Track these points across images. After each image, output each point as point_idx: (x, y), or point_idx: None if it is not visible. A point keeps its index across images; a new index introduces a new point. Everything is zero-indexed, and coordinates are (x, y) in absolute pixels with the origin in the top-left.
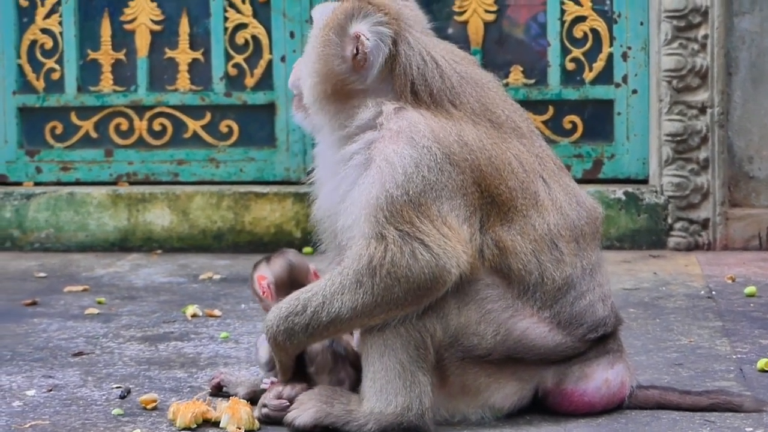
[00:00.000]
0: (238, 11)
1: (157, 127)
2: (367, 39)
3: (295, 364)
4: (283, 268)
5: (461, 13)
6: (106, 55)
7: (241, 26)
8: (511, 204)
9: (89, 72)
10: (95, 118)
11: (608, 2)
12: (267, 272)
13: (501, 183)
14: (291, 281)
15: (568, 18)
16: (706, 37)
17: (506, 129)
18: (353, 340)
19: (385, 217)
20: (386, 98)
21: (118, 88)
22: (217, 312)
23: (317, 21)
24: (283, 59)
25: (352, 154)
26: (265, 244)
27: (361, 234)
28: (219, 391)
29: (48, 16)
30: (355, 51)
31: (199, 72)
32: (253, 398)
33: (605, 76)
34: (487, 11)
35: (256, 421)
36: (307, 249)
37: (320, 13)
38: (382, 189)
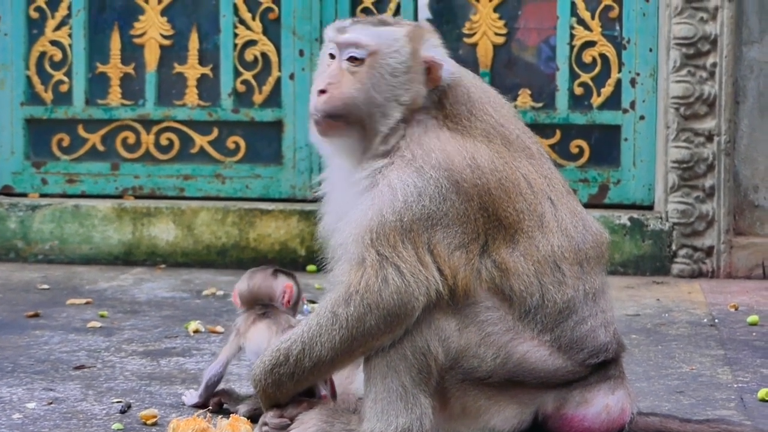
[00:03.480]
0: (248, 28)
1: (164, 142)
2: (442, 64)
3: None
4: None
5: (471, 35)
6: (114, 69)
7: (251, 43)
8: (518, 226)
9: (97, 85)
10: (102, 131)
11: (618, 28)
12: (293, 283)
13: (509, 205)
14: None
15: (577, 43)
16: (714, 65)
17: (517, 147)
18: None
19: (371, 239)
20: (421, 117)
21: (126, 102)
22: (219, 328)
23: (384, 45)
24: (291, 77)
25: (362, 179)
26: (269, 261)
27: (347, 256)
28: (220, 407)
29: (58, 28)
30: (426, 74)
31: (208, 87)
32: (253, 416)
33: (613, 102)
34: (496, 34)
35: None
36: (311, 267)
37: (378, 37)
38: (378, 212)
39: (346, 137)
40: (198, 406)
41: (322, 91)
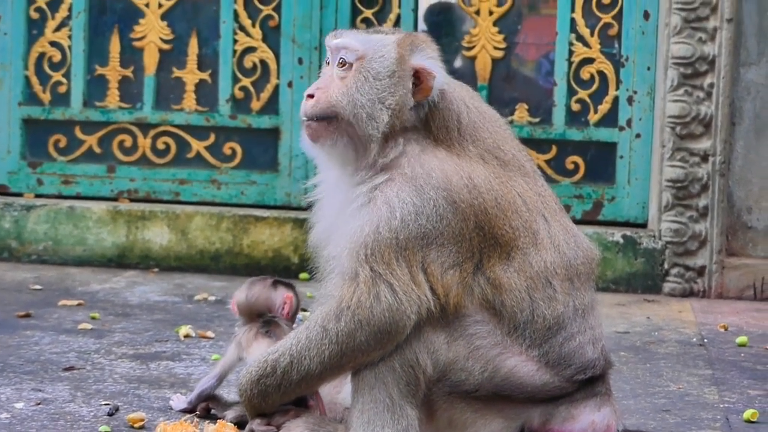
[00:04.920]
0: (248, 35)
1: (160, 146)
2: (433, 73)
3: None
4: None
5: (470, 49)
6: (113, 71)
7: (250, 50)
8: (513, 243)
9: (96, 87)
10: (99, 134)
11: (616, 46)
12: (293, 294)
13: (505, 223)
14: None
15: (575, 59)
16: (711, 85)
17: (512, 167)
18: None
19: (366, 255)
20: (415, 136)
21: (123, 105)
22: (210, 333)
23: (371, 50)
24: (290, 85)
25: (360, 193)
26: (262, 268)
27: (339, 270)
28: (207, 413)
29: (58, 29)
30: (412, 85)
31: (206, 93)
32: (240, 422)
33: (610, 119)
34: (495, 48)
35: None
36: (304, 275)
37: (367, 42)
38: (374, 229)
39: (337, 142)
40: (186, 410)
41: (311, 96)
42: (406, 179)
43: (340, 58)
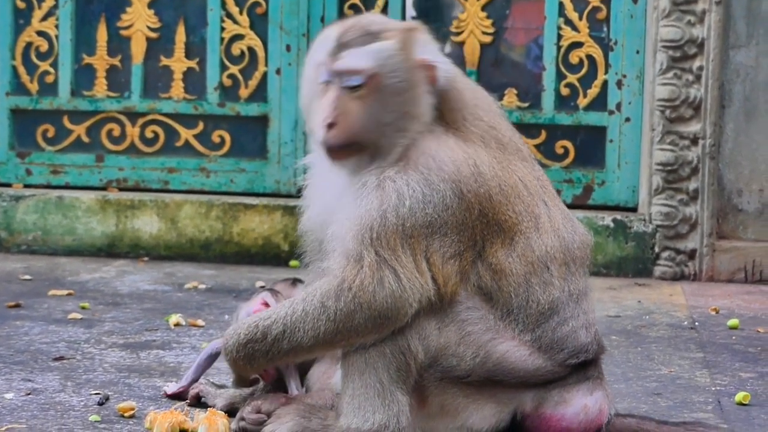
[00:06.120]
0: (235, 22)
1: (149, 134)
2: (438, 65)
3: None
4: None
5: (458, 34)
6: (101, 60)
7: (238, 37)
8: (516, 228)
9: (83, 76)
10: (87, 123)
11: (605, 29)
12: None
13: (508, 209)
14: None
15: (564, 43)
16: (701, 68)
17: (511, 150)
18: None
19: (371, 238)
20: (427, 126)
21: (111, 94)
22: (200, 322)
23: (381, 66)
24: (278, 72)
25: (369, 179)
26: (252, 256)
27: (342, 250)
28: (197, 401)
29: (44, 18)
30: (429, 79)
31: (194, 81)
32: (231, 410)
33: (599, 103)
34: (484, 33)
35: None
36: (294, 262)
37: (373, 58)
38: (382, 213)
39: (361, 158)
40: (177, 396)
41: (331, 125)
42: (417, 171)
43: (348, 83)
